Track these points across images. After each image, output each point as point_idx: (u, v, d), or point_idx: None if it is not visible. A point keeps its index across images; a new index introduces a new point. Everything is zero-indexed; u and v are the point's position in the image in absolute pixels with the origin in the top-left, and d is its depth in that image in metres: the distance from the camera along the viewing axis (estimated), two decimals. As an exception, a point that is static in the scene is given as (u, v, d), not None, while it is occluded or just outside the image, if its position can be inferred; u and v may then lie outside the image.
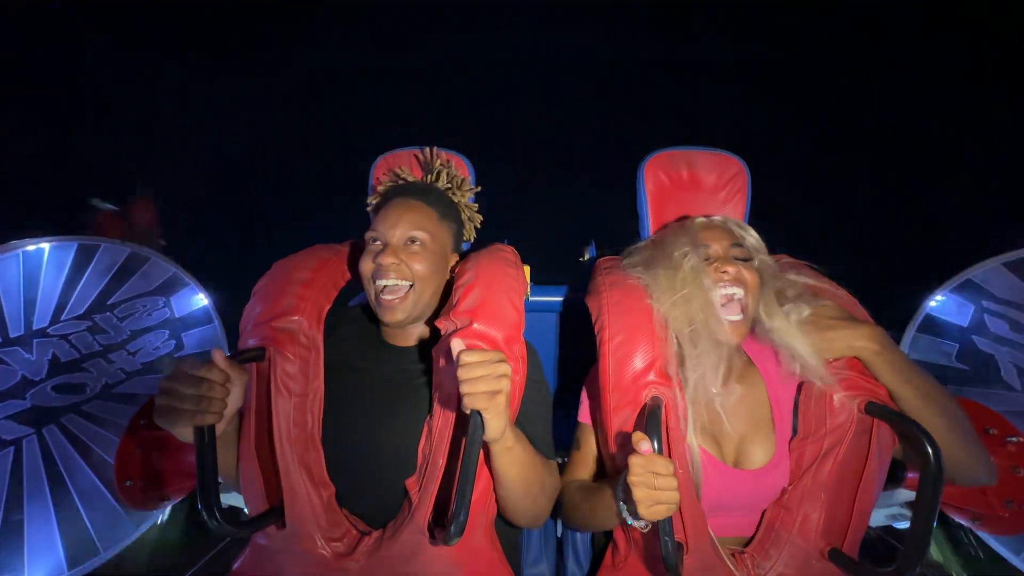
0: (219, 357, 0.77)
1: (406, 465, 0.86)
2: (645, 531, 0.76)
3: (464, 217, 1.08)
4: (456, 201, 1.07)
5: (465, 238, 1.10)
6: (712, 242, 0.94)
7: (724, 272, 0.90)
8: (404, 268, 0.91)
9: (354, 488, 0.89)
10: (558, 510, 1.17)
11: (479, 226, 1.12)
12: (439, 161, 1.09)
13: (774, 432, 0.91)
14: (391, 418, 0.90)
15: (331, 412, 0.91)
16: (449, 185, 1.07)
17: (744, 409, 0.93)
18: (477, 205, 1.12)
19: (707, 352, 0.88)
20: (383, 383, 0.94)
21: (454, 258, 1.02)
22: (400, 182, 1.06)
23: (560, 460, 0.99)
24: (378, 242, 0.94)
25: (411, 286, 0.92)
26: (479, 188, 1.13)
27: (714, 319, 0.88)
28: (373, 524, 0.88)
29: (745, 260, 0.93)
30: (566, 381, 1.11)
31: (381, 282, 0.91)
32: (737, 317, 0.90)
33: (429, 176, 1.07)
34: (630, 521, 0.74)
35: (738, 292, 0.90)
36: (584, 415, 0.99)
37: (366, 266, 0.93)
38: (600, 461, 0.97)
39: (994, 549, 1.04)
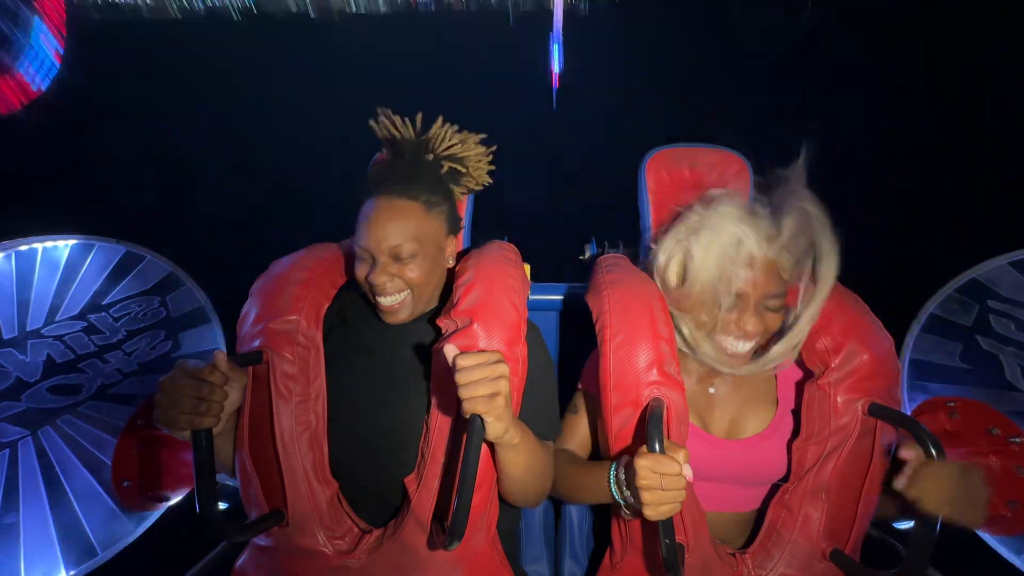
0: (221, 359, 0.77)
1: (409, 461, 0.86)
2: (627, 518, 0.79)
3: (462, 176, 1.01)
4: (446, 160, 0.98)
5: (475, 187, 1.06)
6: (748, 285, 0.85)
7: (743, 326, 0.86)
8: (398, 281, 0.90)
9: (357, 484, 0.90)
10: (558, 511, 1.17)
11: (488, 172, 1.04)
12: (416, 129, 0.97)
13: (775, 408, 0.93)
14: (394, 408, 0.90)
15: (334, 407, 0.91)
16: (436, 148, 0.97)
17: (740, 392, 0.96)
18: (478, 149, 1.01)
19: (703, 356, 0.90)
20: (384, 367, 0.94)
21: (451, 241, 0.97)
22: (381, 167, 0.96)
23: None
24: (366, 257, 0.90)
25: (409, 291, 0.91)
26: (455, 128, 0.99)
27: (718, 352, 0.88)
28: (376, 521, 0.89)
29: (777, 309, 0.88)
30: (566, 380, 1.10)
31: (379, 297, 0.90)
32: (743, 349, 0.89)
33: (406, 147, 0.97)
34: (624, 513, 0.79)
35: (751, 344, 0.88)
36: (584, 381, 1.01)
37: (360, 276, 0.91)
38: (593, 427, 0.99)
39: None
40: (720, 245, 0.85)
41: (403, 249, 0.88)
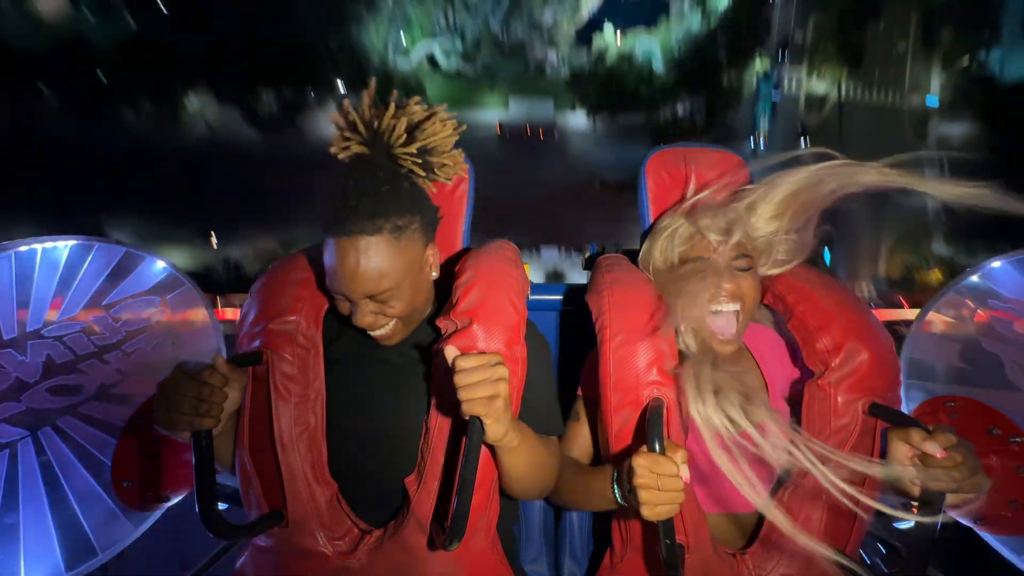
0: (220, 362, 0.78)
1: (408, 461, 0.86)
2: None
3: (430, 169, 0.90)
4: (406, 157, 0.86)
5: (446, 178, 0.94)
6: (710, 247, 0.91)
7: (723, 286, 0.89)
8: (381, 317, 0.85)
9: (356, 485, 0.90)
10: (558, 510, 1.17)
11: (457, 165, 0.93)
12: (370, 115, 0.84)
13: (767, 394, 0.94)
14: (393, 409, 0.90)
15: (333, 408, 0.91)
16: (391, 143, 0.85)
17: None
18: (445, 130, 0.89)
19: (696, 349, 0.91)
20: (384, 367, 0.93)
21: (431, 251, 0.90)
22: (333, 196, 0.82)
23: None
24: (342, 299, 0.84)
25: (397, 320, 0.87)
26: (416, 99, 0.87)
27: (707, 332, 0.89)
28: (376, 522, 0.89)
29: (746, 269, 0.92)
30: (566, 380, 1.10)
31: (367, 331, 0.87)
32: (730, 334, 0.91)
33: (357, 153, 0.85)
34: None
35: (733, 307, 0.90)
36: (583, 388, 1.00)
37: (342, 312, 0.86)
38: (594, 434, 0.98)
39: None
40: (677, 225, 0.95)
41: (380, 292, 0.81)
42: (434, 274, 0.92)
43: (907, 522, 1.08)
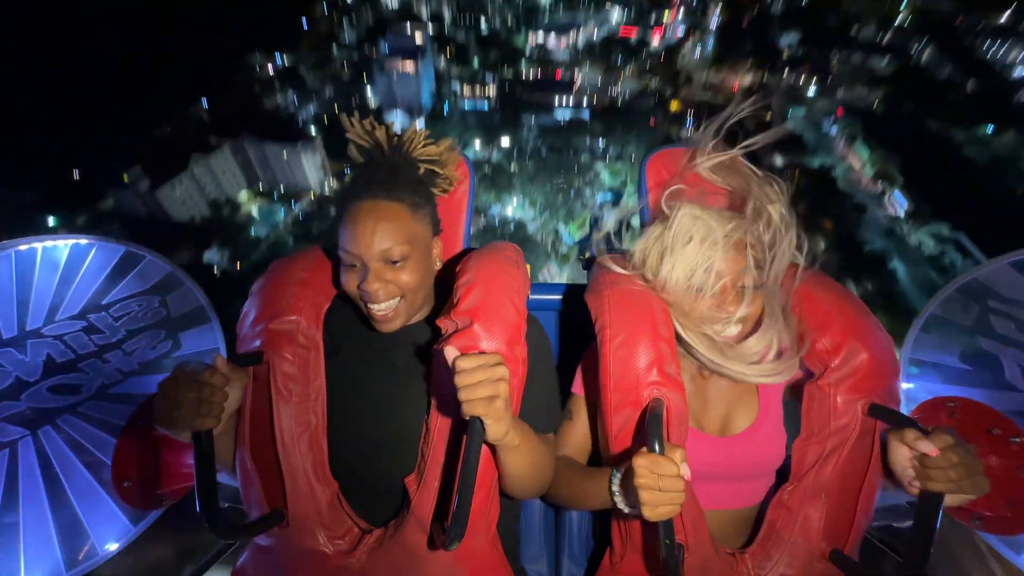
0: (220, 362, 0.78)
1: (408, 461, 0.87)
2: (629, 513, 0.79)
3: (438, 177, 1.00)
4: (423, 162, 0.97)
5: (448, 187, 1.04)
6: (723, 264, 0.86)
7: (727, 309, 0.86)
8: (392, 287, 0.86)
9: (357, 484, 0.90)
10: (558, 510, 1.17)
11: (454, 177, 1.03)
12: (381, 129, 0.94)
13: (758, 399, 0.94)
14: (394, 409, 0.90)
15: (334, 408, 0.91)
16: (412, 149, 0.95)
17: (727, 388, 0.96)
18: (450, 151, 1.01)
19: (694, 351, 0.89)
20: (384, 367, 0.94)
21: (436, 243, 0.95)
22: (361, 171, 0.92)
23: None
24: (355, 264, 0.86)
25: (401, 298, 0.88)
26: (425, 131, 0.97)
27: (706, 356, 0.86)
28: (376, 521, 0.89)
29: (754, 285, 0.87)
30: (566, 380, 1.10)
31: (372, 305, 0.87)
32: (732, 332, 0.88)
33: (383, 149, 0.94)
34: (625, 510, 0.78)
35: (736, 328, 0.88)
36: (577, 386, 1.00)
37: (350, 286, 0.87)
38: (592, 432, 0.98)
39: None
40: (684, 235, 0.88)
41: (395, 252, 0.84)
42: (438, 264, 0.96)
43: (907, 522, 1.09)
